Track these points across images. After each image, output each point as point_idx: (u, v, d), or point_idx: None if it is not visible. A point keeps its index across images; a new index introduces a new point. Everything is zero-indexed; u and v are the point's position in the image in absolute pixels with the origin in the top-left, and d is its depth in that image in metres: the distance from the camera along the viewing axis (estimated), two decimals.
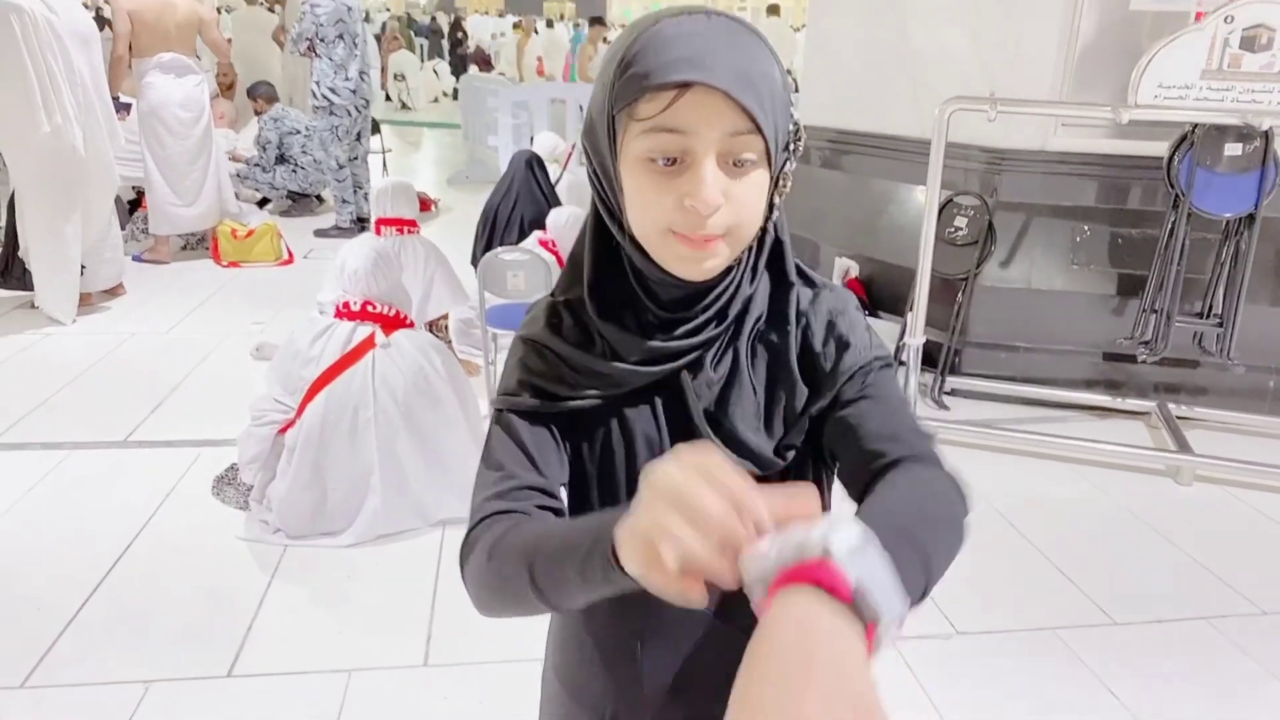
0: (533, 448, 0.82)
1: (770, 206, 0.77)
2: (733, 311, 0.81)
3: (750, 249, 0.79)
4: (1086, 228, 3.67)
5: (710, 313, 0.80)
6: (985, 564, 2.60)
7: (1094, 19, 3.49)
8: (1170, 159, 3.20)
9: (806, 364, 0.83)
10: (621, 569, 0.58)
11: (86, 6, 5.07)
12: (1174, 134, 3.20)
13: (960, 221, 3.69)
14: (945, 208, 3.69)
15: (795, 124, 0.76)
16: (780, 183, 0.77)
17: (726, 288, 0.79)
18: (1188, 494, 3.07)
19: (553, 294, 0.87)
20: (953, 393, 3.75)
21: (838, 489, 0.85)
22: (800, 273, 0.85)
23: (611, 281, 0.81)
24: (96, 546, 2.53)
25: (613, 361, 0.80)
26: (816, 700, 0.45)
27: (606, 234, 0.79)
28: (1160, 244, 3.27)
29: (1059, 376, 3.71)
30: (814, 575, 0.50)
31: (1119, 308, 3.63)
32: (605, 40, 10.11)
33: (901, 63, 4.06)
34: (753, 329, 0.82)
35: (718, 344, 0.82)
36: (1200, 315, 3.34)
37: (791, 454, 0.83)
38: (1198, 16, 3.26)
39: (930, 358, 3.73)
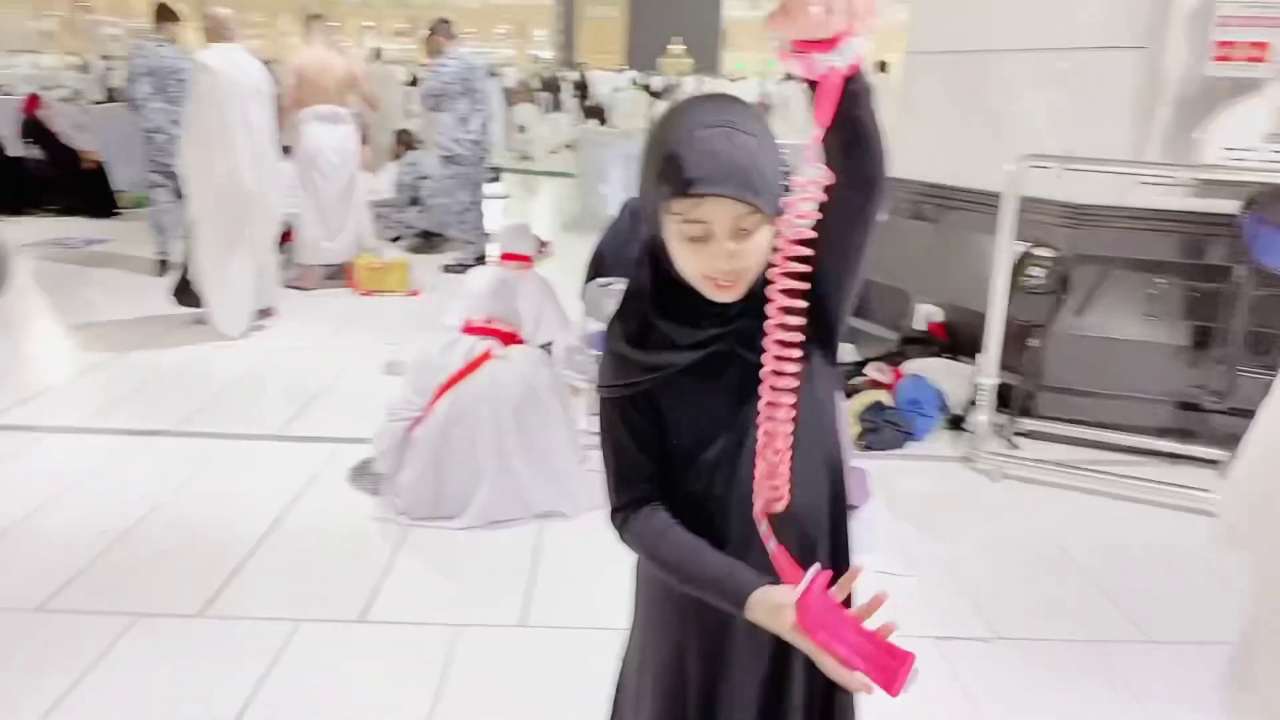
0: (636, 424, 1.16)
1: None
2: (757, 299, 1.08)
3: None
4: (1162, 280, 3.82)
5: (739, 306, 1.09)
6: (1034, 584, 2.81)
7: (1169, 84, 3.68)
8: (1241, 216, 3.36)
9: None
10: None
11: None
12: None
13: (1036, 272, 3.90)
14: (1023, 258, 3.91)
15: (786, 175, 1.04)
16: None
17: (754, 289, 1.08)
18: None
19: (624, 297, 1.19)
20: (1029, 434, 3.93)
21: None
22: None
23: (667, 289, 1.11)
24: (256, 514, 3.01)
25: (673, 352, 1.12)
26: None
27: (660, 258, 1.10)
28: (1227, 297, 3.41)
29: (1133, 423, 3.85)
30: None
31: (1192, 359, 3.76)
32: None
33: (986, 122, 4.31)
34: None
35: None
36: (1270, 368, 3.45)
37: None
38: None
39: (1006, 400, 3.93)
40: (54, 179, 8.14)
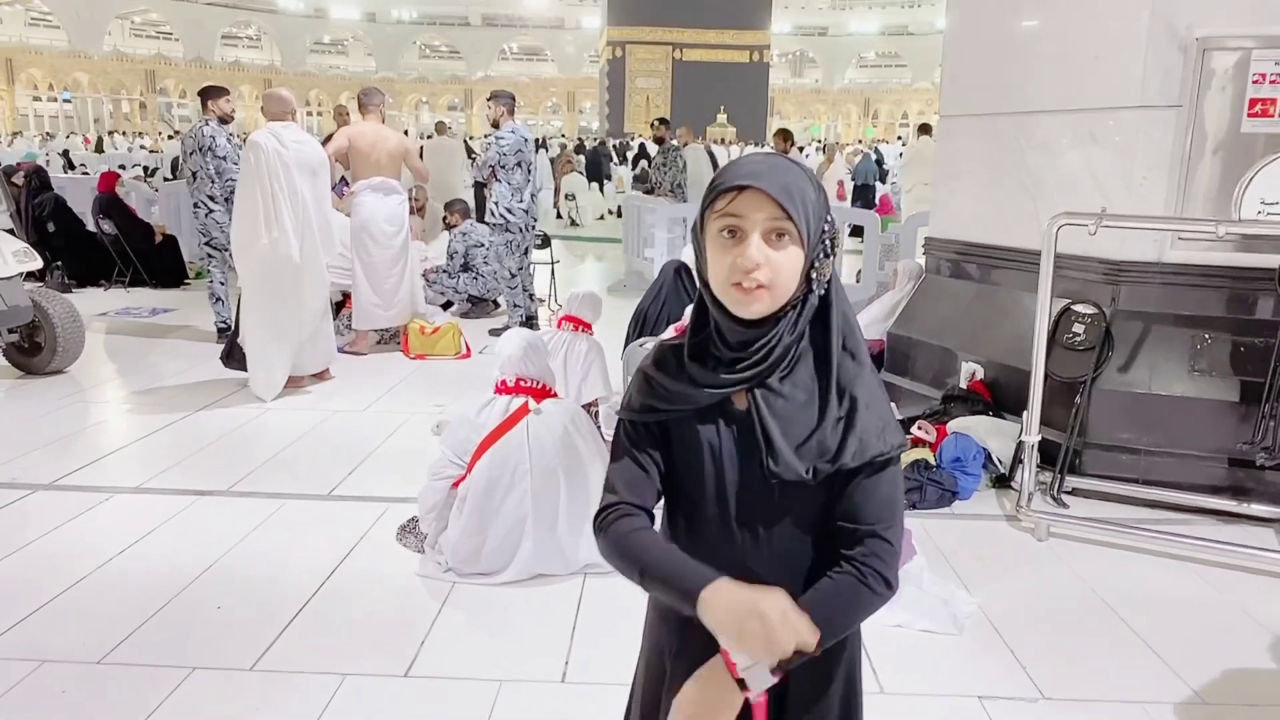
0: (641, 451, 1.24)
1: (808, 280, 1.13)
2: (775, 355, 1.15)
3: (796, 309, 1.15)
4: (1207, 335, 3.79)
5: (758, 355, 1.15)
6: (1081, 644, 2.76)
7: (1206, 141, 3.70)
8: None
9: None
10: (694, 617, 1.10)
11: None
12: None
13: (1078, 328, 3.91)
14: (1064, 315, 3.92)
15: (828, 225, 1.14)
16: (816, 265, 1.13)
17: (773, 336, 1.15)
18: None
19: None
20: (1073, 492, 3.88)
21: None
22: (846, 348, 1.18)
23: (703, 336, 1.20)
24: (308, 572, 3.10)
25: (691, 387, 1.20)
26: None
27: (704, 306, 1.19)
28: (1276, 351, 3.37)
29: (1182, 480, 3.78)
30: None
31: (1244, 414, 3.70)
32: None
33: (1023, 182, 4.36)
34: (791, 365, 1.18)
35: (778, 374, 1.16)
36: None
37: (813, 477, 1.15)
38: None
39: (1051, 458, 3.89)
40: (128, 252, 8.54)
